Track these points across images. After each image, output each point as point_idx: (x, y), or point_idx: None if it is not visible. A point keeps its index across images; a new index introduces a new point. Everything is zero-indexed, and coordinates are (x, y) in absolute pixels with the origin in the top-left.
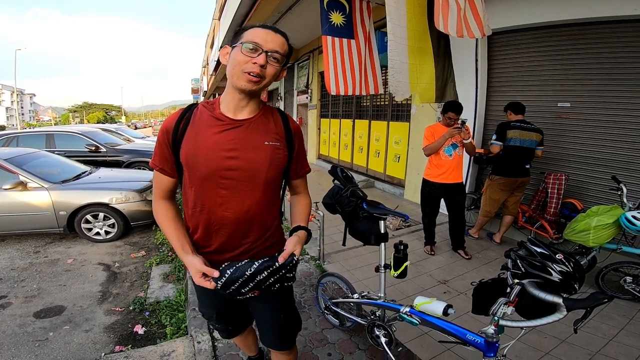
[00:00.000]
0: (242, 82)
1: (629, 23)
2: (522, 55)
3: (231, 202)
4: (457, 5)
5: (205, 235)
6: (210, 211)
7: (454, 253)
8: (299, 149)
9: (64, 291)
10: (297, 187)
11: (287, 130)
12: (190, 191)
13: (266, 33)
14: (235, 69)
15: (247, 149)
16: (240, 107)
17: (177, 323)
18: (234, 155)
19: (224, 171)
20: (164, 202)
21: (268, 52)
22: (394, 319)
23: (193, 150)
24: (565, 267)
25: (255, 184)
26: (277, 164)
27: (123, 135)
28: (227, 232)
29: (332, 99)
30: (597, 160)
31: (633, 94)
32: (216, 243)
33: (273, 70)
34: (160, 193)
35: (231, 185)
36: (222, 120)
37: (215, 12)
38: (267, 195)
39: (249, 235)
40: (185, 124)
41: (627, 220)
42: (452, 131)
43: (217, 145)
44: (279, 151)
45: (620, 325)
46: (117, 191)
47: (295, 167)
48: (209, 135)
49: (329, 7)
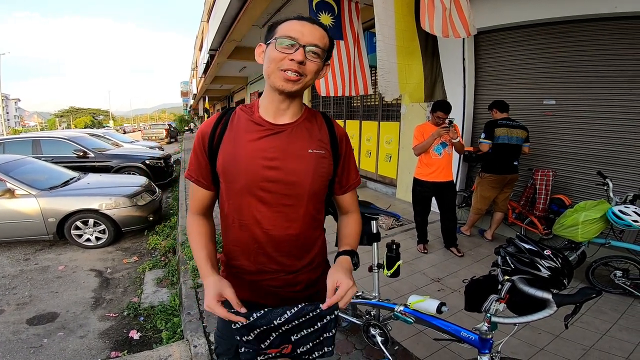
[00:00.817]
0: (279, 82)
1: (609, 20)
2: (508, 54)
3: (271, 218)
4: (442, 5)
5: (244, 254)
6: (249, 228)
7: (446, 251)
8: (346, 157)
9: (56, 298)
10: (345, 205)
11: (333, 137)
12: (227, 205)
13: (302, 25)
14: (270, 67)
15: (289, 157)
16: (281, 111)
17: (172, 327)
18: (275, 165)
19: (263, 182)
20: (198, 218)
21: (306, 46)
22: (389, 318)
23: (231, 158)
24: (554, 262)
25: (298, 197)
26: (321, 175)
27: (111, 139)
28: (267, 251)
29: (322, 100)
30: (583, 156)
31: (616, 90)
32: (255, 263)
33: (314, 67)
34: (196, 207)
35: (271, 199)
36: (262, 125)
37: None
38: (310, 210)
39: (291, 254)
40: (222, 129)
41: (614, 214)
42: (440, 130)
43: (256, 153)
44: (324, 160)
45: (613, 320)
46: (106, 197)
47: (339, 180)
48: (247, 142)
49: (317, 9)
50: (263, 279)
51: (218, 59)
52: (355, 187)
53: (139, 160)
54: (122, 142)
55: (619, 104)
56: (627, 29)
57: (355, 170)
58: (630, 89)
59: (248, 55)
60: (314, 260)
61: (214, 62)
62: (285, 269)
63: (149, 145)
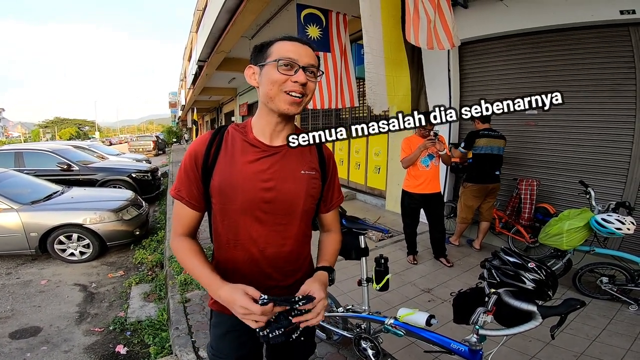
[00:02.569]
0: (284, 105)
1: (588, 29)
2: (492, 64)
3: (267, 237)
4: (427, 17)
5: (237, 272)
6: (245, 247)
7: (436, 261)
8: (332, 177)
9: (39, 312)
10: (327, 223)
11: (321, 158)
12: (221, 225)
13: (297, 46)
14: (273, 90)
15: (284, 179)
16: (277, 133)
17: (160, 342)
18: (270, 187)
19: (260, 203)
20: (186, 239)
21: (305, 67)
22: (380, 331)
23: (228, 179)
24: (538, 275)
25: (292, 217)
26: (313, 195)
27: (97, 152)
28: (262, 268)
29: (311, 111)
30: (566, 165)
31: (596, 99)
32: (250, 280)
33: (312, 86)
34: (183, 229)
35: (267, 219)
36: (257, 146)
37: (193, 24)
38: (303, 228)
39: (285, 270)
40: (217, 149)
41: (598, 222)
42: (426, 143)
43: (254, 175)
44: (315, 181)
45: (602, 326)
46: (91, 211)
47: (325, 199)
48: (245, 163)
49: (305, 21)
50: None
51: (207, 70)
52: (338, 206)
53: (125, 174)
54: (108, 154)
55: (600, 113)
56: (605, 37)
57: (339, 189)
58: (610, 97)
59: (237, 67)
60: (305, 274)
61: (203, 73)
62: (279, 284)
63: (135, 158)
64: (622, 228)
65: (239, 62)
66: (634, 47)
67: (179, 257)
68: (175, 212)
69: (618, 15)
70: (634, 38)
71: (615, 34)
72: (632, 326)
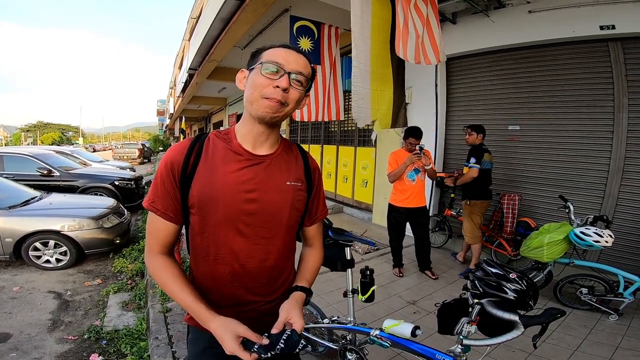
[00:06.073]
0: (261, 110)
1: (568, 45)
2: (478, 80)
3: (249, 251)
4: (416, 32)
5: (217, 288)
6: (225, 261)
7: (421, 274)
8: (317, 190)
9: (10, 319)
10: (310, 236)
11: (307, 169)
12: (200, 238)
13: (287, 52)
14: (254, 94)
15: (268, 190)
16: (260, 141)
17: (138, 352)
18: (254, 198)
19: (242, 215)
20: (164, 259)
21: (291, 73)
22: (365, 342)
23: (209, 189)
24: (519, 285)
25: (276, 229)
26: (298, 208)
27: (79, 158)
28: (244, 283)
29: (301, 124)
30: (546, 180)
31: (575, 115)
32: (228, 296)
33: (297, 95)
34: (159, 246)
35: (249, 232)
36: (241, 154)
37: (186, 32)
38: (287, 241)
39: (268, 285)
40: (196, 157)
41: (577, 235)
42: (412, 157)
43: (236, 186)
44: (300, 193)
45: (582, 335)
46: (69, 218)
47: (309, 212)
48: (227, 173)
49: (298, 33)
50: (240, 311)
51: (197, 79)
52: (322, 219)
53: (108, 181)
54: (91, 161)
55: (579, 129)
56: (585, 53)
57: (324, 202)
58: (589, 113)
59: (228, 76)
60: (288, 289)
61: (193, 82)
62: (263, 299)
63: (119, 165)
64: (600, 241)
65: (230, 72)
66: (612, 63)
67: (156, 278)
68: (149, 226)
69: (598, 30)
70: (613, 54)
71: (596, 50)
72: (612, 336)
